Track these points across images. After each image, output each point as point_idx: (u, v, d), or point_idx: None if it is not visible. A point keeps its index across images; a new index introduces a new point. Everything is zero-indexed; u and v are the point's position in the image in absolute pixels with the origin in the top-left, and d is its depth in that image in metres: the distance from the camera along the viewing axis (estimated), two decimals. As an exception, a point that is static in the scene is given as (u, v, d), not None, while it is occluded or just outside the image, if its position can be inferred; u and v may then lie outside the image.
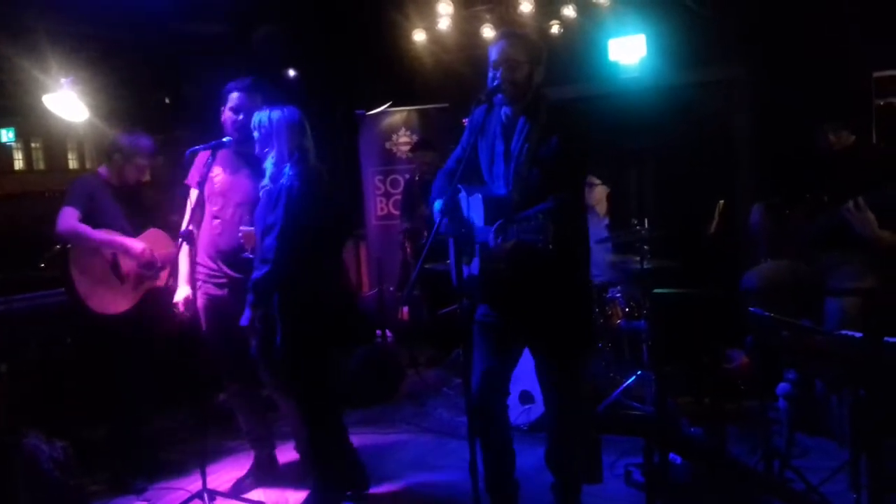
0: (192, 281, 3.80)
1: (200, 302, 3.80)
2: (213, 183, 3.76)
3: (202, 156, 3.76)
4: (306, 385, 3.52)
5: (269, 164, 3.45)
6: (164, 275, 4.07)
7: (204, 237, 3.80)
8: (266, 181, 3.45)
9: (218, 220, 3.76)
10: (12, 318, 4.56)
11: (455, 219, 2.95)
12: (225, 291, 3.73)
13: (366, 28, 7.37)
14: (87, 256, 3.95)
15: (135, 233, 4.07)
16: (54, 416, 4.32)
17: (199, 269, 3.80)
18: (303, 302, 3.43)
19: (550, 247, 2.58)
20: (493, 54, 2.98)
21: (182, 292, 3.81)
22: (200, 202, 3.81)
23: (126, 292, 4.01)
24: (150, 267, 4.04)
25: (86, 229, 3.90)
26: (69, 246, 3.97)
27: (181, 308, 3.80)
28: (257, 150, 3.50)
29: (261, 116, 3.46)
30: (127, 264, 3.99)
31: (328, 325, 3.53)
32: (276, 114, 3.44)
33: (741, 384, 4.60)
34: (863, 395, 3.01)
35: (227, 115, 3.74)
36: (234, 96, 3.72)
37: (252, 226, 3.58)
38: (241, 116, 3.69)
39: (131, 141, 4.07)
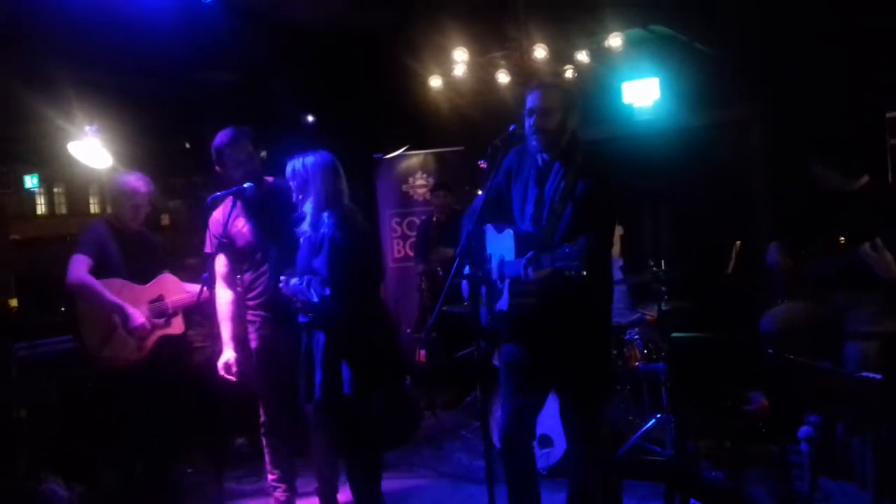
0: (236, 339, 3.73)
1: (255, 344, 3.75)
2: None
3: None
4: (371, 425, 3.51)
5: (307, 209, 3.43)
6: (176, 321, 4.03)
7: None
8: (306, 227, 3.44)
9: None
10: (34, 362, 4.59)
11: (475, 260, 2.98)
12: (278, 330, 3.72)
13: (383, 74, 7.52)
14: (94, 310, 3.90)
15: (142, 279, 4.03)
16: (73, 460, 4.32)
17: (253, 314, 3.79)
18: (362, 344, 3.39)
19: (584, 273, 2.61)
20: (529, 102, 3.09)
21: (225, 356, 3.72)
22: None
23: (133, 346, 3.94)
24: (160, 316, 4.00)
25: (95, 285, 3.84)
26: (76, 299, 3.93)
27: (222, 372, 3.71)
28: (294, 197, 3.48)
29: (294, 164, 3.44)
30: (134, 320, 3.91)
31: (387, 364, 3.52)
32: (309, 159, 3.43)
33: (762, 427, 4.54)
34: (885, 437, 2.98)
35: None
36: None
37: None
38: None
39: (124, 181, 4.02)
